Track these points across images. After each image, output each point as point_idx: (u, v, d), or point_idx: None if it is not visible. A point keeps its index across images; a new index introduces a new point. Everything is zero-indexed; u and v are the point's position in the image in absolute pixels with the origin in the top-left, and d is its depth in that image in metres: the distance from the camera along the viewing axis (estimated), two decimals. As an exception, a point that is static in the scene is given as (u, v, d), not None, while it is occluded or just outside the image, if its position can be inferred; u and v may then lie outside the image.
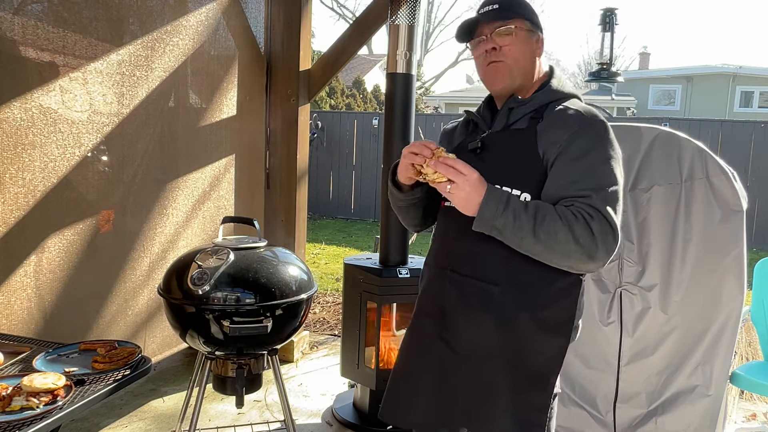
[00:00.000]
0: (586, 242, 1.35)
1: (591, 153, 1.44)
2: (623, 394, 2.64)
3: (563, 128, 1.47)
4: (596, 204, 1.37)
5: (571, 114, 1.49)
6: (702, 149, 2.59)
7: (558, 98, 1.56)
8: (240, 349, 2.20)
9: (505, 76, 1.55)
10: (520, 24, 1.55)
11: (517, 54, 1.54)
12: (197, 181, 3.27)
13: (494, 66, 1.55)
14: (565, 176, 1.43)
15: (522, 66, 1.56)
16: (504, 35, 1.54)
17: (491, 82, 1.58)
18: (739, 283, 2.55)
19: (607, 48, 4.79)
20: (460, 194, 1.39)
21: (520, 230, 1.37)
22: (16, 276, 2.35)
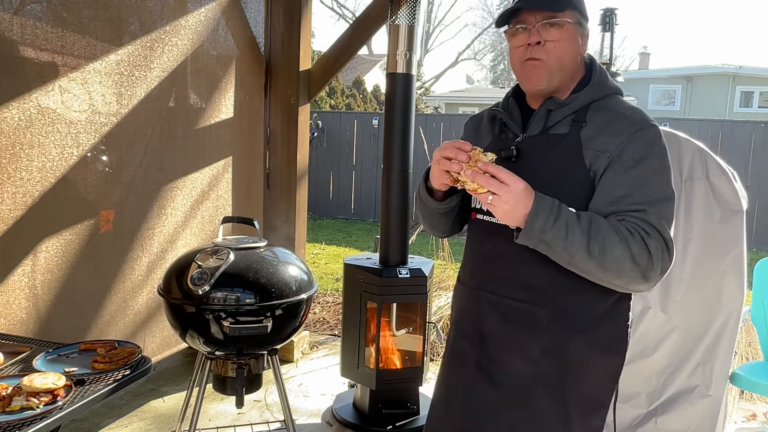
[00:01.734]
0: (642, 261, 1.23)
1: (644, 162, 1.30)
2: (623, 394, 2.64)
3: (613, 135, 1.32)
4: (652, 219, 1.26)
5: (621, 118, 1.34)
6: (702, 149, 2.59)
7: (600, 96, 1.39)
8: (240, 349, 2.20)
9: (543, 77, 1.36)
10: (571, 16, 1.35)
11: (562, 53, 1.35)
12: (196, 181, 3.26)
13: (534, 64, 1.35)
14: (617, 189, 1.29)
15: (565, 66, 1.37)
16: (552, 28, 1.33)
17: (527, 81, 1.39)
18: (739, 283, 2.54)
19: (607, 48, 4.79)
20: (504, 207, 1.23)
21: (572, 245, 1.23)
22: (14, 276, 2.35)
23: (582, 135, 1.35)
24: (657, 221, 1.27)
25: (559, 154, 1.35)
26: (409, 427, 2.96)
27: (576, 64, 1.40)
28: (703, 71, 20.02)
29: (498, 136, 1.49)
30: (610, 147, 1.31)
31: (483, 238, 1.47)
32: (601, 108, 1.38)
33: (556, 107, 1.38)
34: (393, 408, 2.98)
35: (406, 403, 3.01)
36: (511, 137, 1.45)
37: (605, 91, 1.40)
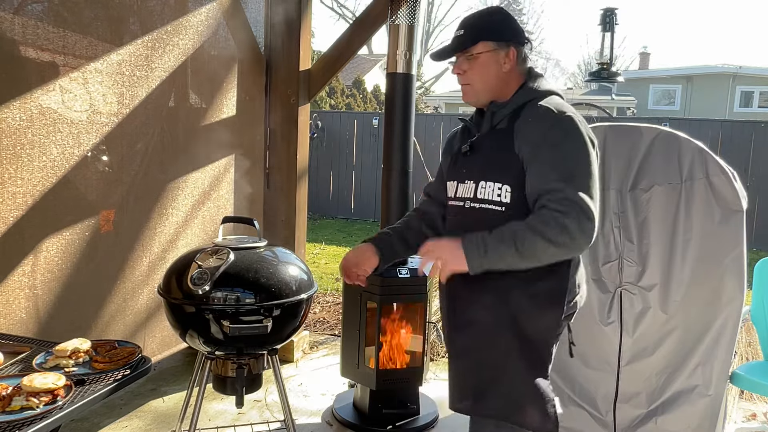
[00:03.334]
0: (563, 239, 1.49)
1: (561, 145, 1.58)
2: (623, 394, 2.64)
3: (535, 124, 1.62)
4: (569, 194, 1.51)
5: (542, 111, 1.63)
6: (702, 149, 2.59)
7: (534, 97, 1.69)
8: (240, 349, 2.20)
9: (471, 96, 1.76)
10: (484, 47, 1.70)
11: (481, 77, 1.71)
12: (197, 180, 3.27)
13: (464, 88, 1.76)
14: (540, 171, 1.57)
15: (489, 85, 1.72)
16: (468, 61, 1.72)
17: (463, 98, 1.80)
18: (739, 283, 2.54)
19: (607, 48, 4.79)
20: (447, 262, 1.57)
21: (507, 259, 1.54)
22: (14, 276, 2.35)
23: (515, 127, 1.66)
24: (573, 194, 1.51)
25: (497, 143, 1.69)
26: (409, 427, 2.96)
27: (501, 80, 1.72)
28: (703, 71, 20.01)
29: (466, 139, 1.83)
30: (533, 134, 1.61)
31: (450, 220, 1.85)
32: (534, 105, 1.67)
33: (498, 109, 1.72)
34: (393, 408, 2.98)
35: (406, 403, 3.01)
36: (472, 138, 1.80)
37: (537, 93, 1.70)
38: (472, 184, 1.71)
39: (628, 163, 2.63)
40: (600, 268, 2.62)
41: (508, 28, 1.73)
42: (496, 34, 1.71)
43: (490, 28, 1.72)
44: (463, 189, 1.75)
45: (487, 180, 1.67)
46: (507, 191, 1.63)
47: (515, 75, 1.73)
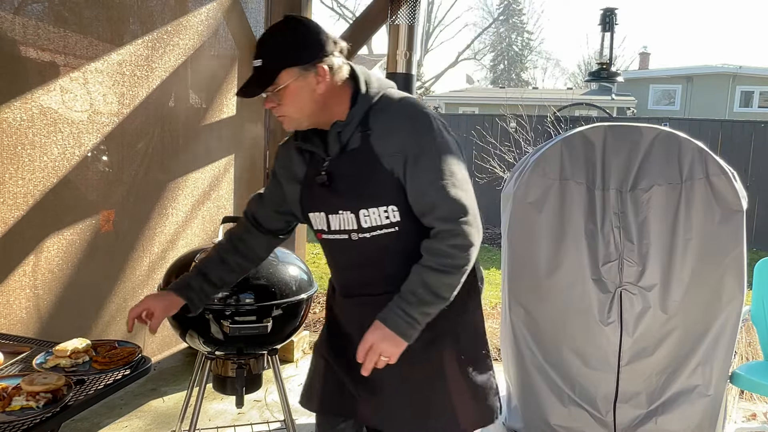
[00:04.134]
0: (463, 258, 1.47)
1: (424, 156, 1.48)
2: (623, 394, 2.64)
3: (394, 136, 1.50)
4: (446, 214, 1.47)
5: (397, 116, 1.52)
6: (702, 149, 2.59)
7: (373, 102, 1.55)
8: (240, 349, 2.20)
9: (293, 125, 1.58)
10: (288, 76, 1.49)
11: (295, 106, 1.53)
12: (197, 180, 3.27)
13: (281, 119, 1.57)
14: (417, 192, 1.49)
15: (307, 112, 1.54)
16: (276, 94, 1.52)
17: (286, 129, 1.61)
18: (739, 283, 2.55)
19: (607, 48, 4.80)
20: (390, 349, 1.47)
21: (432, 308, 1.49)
22: (15, 276, 2.35)
23: (372, 142, 1.51)
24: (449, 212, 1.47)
25: (359, 166, 1.53)
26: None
27: (321, 101, 1.53)
28: (703, 71, 20.02)
29: (310, 163, 1.63)
30: (397, 148, 1.49)
31: (335, 253, 1.67)
32: (378, 111, 1.53)
33: (342, 128, 1.54)
34: (393, 408, 2.97)
35: (406, 403, 3.01)
36: (320, 160, 1.60)
37: (374, 96, 1.56)
38: (351, 215, 1.54)
39: (628, 163, 2.63)
40: (600, 268, 2.62)
41: (309, 46, 1.51)
42: (296, 58, 1.50)
43: (289, 54, 1.50)
44: (339, 221, 1.57)
45: (367, 207, 1.51)
46: (394, 211, 1.51)
47: (338, 88, 1.55)
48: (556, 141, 2.76)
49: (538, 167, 2.67)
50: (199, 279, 1.76)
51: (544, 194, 2.65)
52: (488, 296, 5.68)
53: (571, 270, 2.62)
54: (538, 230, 2.65)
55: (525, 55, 35.01)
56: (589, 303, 2.61)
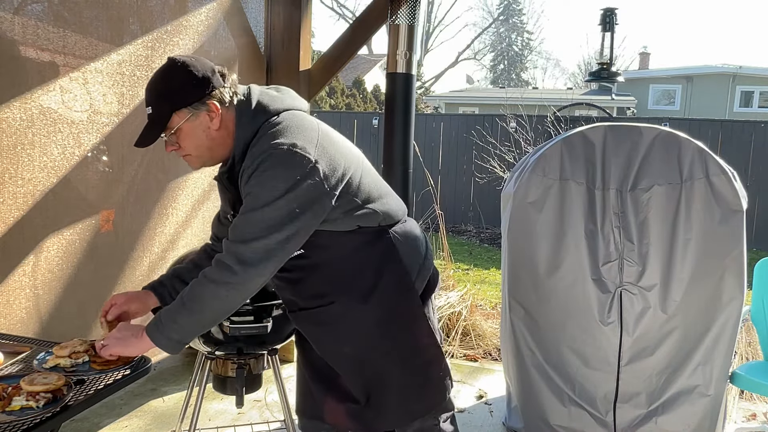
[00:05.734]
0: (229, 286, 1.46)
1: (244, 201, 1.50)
2: (623, 394, 2.64)
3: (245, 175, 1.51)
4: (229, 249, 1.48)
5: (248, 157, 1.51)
6: (702, 149, 2.59)
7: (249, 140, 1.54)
8: (240, 349, 2.20)
9: (198, 164, 1.60)
10: (180, 117, 1.50)
11: (192, 144, 1.54)
12: (197, 180, 3.27)
13: (185, 158, 1.59)
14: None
15: (205, 147, 1.55)
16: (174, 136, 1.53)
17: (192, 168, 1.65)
18: (739, 283, 2.55)
19: (607, 48, 4.80)
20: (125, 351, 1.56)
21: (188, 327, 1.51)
22: (14, 276, 2.35)
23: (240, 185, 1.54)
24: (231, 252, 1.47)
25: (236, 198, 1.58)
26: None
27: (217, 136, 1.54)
28: (703, 71, 20.02)
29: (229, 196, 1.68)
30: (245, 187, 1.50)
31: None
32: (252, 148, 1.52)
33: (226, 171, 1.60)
34: (393, 408, 2.97)
35: (406, 403, 3.01)
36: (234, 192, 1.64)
37: (249, 134, 1.54)
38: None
39: (628, 163, 2.63)
40: (600, 268, 2.62)
41: (194, 86, 1.50)
42: (183, 100, 1.49)
43: (175, 97, 1.49)
44: None
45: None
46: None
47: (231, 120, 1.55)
48: (556, 141, 2.76)
49: (538, 167, 2.67)
50: (173, 278, 1.80)
51: (544, 194, 2.65)
52: (488, 296, 5.68)
53: (571, 270, 2.62)
54: (538, 230, 2.65)
55: (525, 55, 35.03)
56: (589, 303, 2.61)
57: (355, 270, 1.63)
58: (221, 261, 1.48)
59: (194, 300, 1.49)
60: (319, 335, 1.72)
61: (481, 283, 5.79)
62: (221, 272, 1.46)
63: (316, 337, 1.74)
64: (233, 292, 1.48)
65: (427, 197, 5.25)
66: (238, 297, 1.50)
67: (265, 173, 1.46)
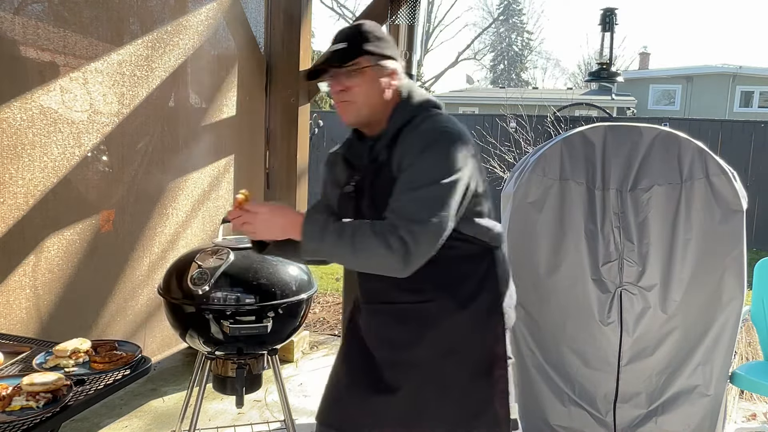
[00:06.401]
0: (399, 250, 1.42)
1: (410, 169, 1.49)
2: (623, 394, 2.64)
3: (403, 153, 1.52)
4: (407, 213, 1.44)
5: (416, 135, 1.53)
6: (702, 149, 2.59)
7: (408, 119, 1.57)
8: (240, 349, 2.20)
9: (352, 114, 1.59)
10: (367, 61, 1.54)
11: (364, 93, 1.56)
12: (197, 180, 3.27)
13: (344, 105, 1.58)
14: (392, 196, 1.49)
15: (371, 102, 1.57)
16: (351, 76, 1.54)
17: (342, 118, 1.62)
18: (739, 283, 2.54)
19: (607, 48, 4.80)
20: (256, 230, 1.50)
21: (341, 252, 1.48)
22: (15, 276, 2.35)
23: (394, 158, 1.54)
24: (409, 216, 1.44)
25: (381, 179, 1.56)
26: None
27: (383, 98, 1.57)
28: (703, 71, 20.02)
29: (348, 170, 1.68)
30: (406, 163, 1.50)
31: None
32: (409, 129, 1.55)
33: (375, 141, 1.59)
34: (393, 408, 2.97)
35: (406, 403, 3.01)
36: (353, 171, 1.65)
37: (412, 113, 1.57)
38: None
39: (628, 163, 2.63)
40: (600, 268, 2.62)
41: (388, 44, 1.59)
42: (380, 48, 1.57)
43: (374, 42, 1.56)
44: None
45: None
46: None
47: (394, 94, 1.60)
48: (556, 141, 2.76)
49: (538, 167, 2.67)
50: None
51: (544, 194, 2.65)
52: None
53: (571, 270, 2.62)
54: (538, 230, 2.65)
55: (525, 55, 35.03)
56: (589, 303, 2.61)
57: (460, 276, 1.61)
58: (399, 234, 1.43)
59: (363, 246, 1.45)
60: (398, 333, 1.64)
61: (481, 283, 5.80)
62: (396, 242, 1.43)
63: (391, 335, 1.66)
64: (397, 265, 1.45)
65: (427, 197, 5.23)
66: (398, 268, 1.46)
67: (436, 152, 1.49)
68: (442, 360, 1.62)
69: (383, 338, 1.68)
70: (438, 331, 1.61)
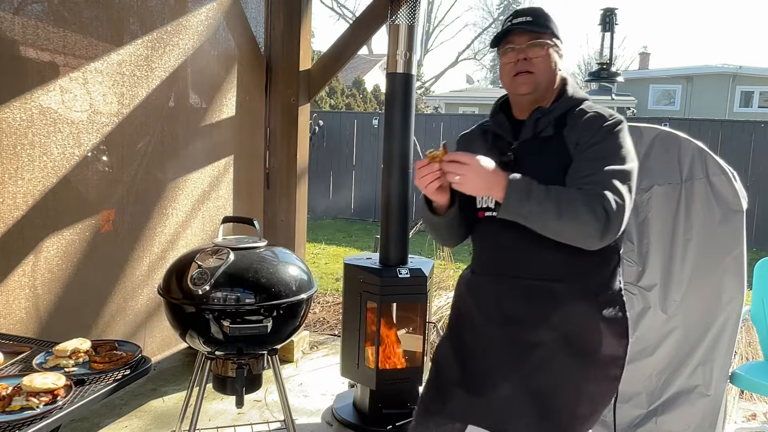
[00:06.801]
0: (601, 218, 1.45)
1: (603, 143, 1.57)
2: (623, 394, 2.64)
3: (586, 129, 1.59)
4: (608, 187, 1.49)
5: (592, 116, 1.62)
6: (702, 149, 2.59)
7: (574, 105, 1.67)
8: (240, 349, 2.20)
9: (531, 86, 1.64)
10: (549, 38, 1.66)
11: (545, 67, 1.65)
12: (197, 180, 3.27)
13: (523, 76, 1.63)
14: (581, 168, 1.55)
15: (548, 78, 1.66)
16: (536, 48, 1.63)
17: (516, 88, 1.66)
18: (739, 282, 2.55)
19: (607, 48, 4.80)
20: (469, 182, 1.48)
21: (545, 214, 1.47)
22: (14, 276, 2.35)
23: (565, 134, 1.61)
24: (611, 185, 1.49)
25: (549, 152, 1.61)
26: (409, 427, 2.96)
27: (555, 77, 1.68)
28: (703, 71, 20.00)
29: (492, 146, 1.71)
30: (586, 141, 1.58)
31: (495, 232, 1.65)
32: (577, 112, 1.65)
33: (543, 115, 1.65)
34: (393, 408, 2.98)
35: (406, 403, 3.01)
36: (505, 144, 1.69)
37: (578, 100, 1.68)
38: None
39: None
40: (600, 268, 2.62)
41: (560, 30, 1.70)
42: (557, 29, 1.68)
43: (554, 22, 1.68)
44: None
45: None
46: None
47: (558, 78, 1.70)
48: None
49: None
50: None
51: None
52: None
53: (571, 270, 2.62)
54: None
55: (525, 55, 34.96)
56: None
57: (594, 264, 1.63)
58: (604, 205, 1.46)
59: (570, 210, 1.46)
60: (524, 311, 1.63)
61: (481, 283, 5.81)
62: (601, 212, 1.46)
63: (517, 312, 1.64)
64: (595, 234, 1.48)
65: (427, 197, 5.24)
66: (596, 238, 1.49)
67: (621, 138, 1.59)
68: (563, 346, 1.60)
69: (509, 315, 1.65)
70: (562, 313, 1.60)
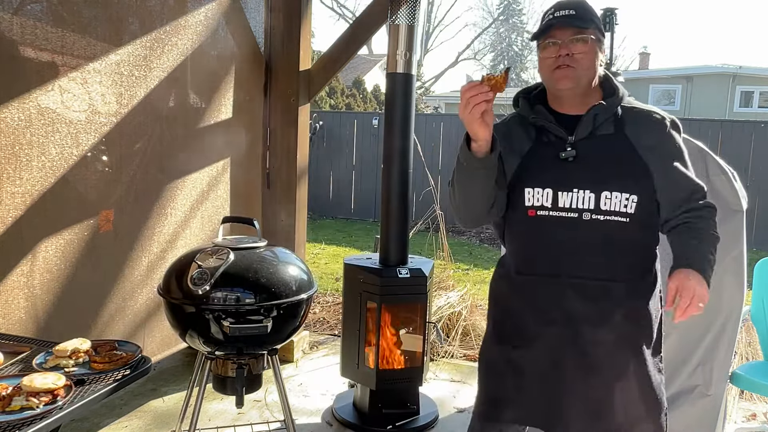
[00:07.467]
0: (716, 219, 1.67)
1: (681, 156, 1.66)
2: (623, 394, 2.64)
3: (652, 132, 1.65)
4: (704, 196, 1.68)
5: (654, 118, 1.67)
6: (702, 149, 2.58)
7: (620, 100, 1.68)
8: (240, 349, 2.20)
9: (572, 80, 1.62)
10: (594, 33, 1.63)
11: (588, 62, 1.62)
12: (196, 180, 3.26)
13: (564, 70, 1.61)
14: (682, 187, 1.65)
15: (590, 73, 1.64)
16: (579, 43, 1.60)
17: (557, 82, 1.64)
18: (739, 283, 2.54)
19: (607, 48, 4.79)
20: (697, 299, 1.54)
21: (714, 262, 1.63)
22: (13, 276, 2.35)
23: (627, 132, 1.63)
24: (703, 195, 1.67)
25: (614, 150, 1.63)
26: (409, 427, 2.96)
27: (595, 72, 1.66)
28: (703, 71, 20.00)
29: (540, 140, 1.69)
30: (654, 142, 1.63)
31: (549, 231, 1.65)
32: (626, 108, 1.67)
33: (602, 111, 1.63)
34: (393, 408, 2.98)
35: (406, 403, 3.01)
36: (556, 140, 1.66)
37: (622, 95, 1.69)
38: (590, 194, 1.59)
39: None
40: (600, 268, 2.62)
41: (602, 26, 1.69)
42: (600, 24, 1.66)
43: (597, 17, 1.66)
44: (573, 198, 1.61)
45: (611, 190, 1.59)
46: (633, 201, 1.59)
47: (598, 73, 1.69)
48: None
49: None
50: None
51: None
52: (487, 295, 5.67)
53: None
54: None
55: (525, 55, 35.01)
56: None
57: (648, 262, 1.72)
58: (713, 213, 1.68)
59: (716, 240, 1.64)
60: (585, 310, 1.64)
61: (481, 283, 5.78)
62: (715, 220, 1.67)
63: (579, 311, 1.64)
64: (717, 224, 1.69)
65: (428, 197, 5.25)
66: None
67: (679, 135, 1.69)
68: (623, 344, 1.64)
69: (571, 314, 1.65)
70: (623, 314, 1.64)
